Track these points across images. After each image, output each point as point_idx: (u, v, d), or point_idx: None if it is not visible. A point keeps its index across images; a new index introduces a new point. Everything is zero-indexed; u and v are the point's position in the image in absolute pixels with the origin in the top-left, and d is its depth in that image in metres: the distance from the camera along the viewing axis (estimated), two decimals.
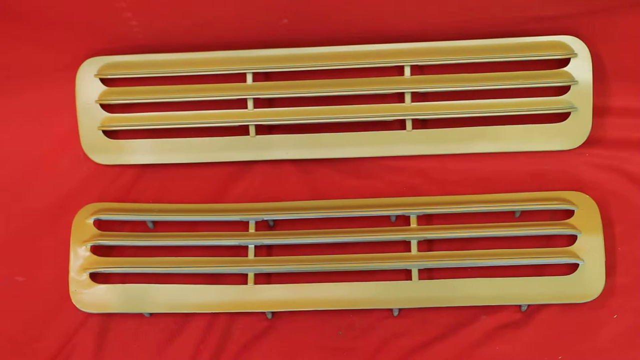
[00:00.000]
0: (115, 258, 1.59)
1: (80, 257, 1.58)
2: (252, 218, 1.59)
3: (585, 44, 1.57)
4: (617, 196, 1.60)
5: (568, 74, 1.58)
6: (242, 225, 1.60)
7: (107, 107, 1.63)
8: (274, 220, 1.61)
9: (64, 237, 1.60)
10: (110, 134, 1.64)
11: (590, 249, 1.54)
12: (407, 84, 1.60)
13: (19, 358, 1.57)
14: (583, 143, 1.60)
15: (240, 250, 1.59)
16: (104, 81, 1.62)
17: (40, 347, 1.57)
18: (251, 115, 1.61)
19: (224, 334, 1.56)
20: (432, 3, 1.56)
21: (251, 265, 1.56)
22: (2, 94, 1.66)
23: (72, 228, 1.59)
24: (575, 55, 1.57)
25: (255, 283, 1.56)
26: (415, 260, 1.55)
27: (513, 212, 1.59)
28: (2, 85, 1.65)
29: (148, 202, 1.64)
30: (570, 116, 1.59)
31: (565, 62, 1.58)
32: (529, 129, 1.61)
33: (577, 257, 1.53)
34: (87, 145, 1.63)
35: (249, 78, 1.61)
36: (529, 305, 1.55)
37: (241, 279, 1.57)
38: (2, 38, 1.59)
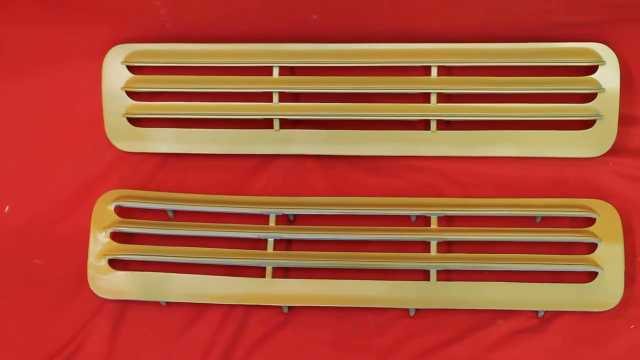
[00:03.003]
0: (135, 245, 1.59)
1: (99, 243, 1.58)
2: (272, 212, 1.59)
3: (614, 52, 1.56)
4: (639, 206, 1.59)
5: (595, 82, 1.57)
6: (262, 219, 1.60)
7: (132, 95, 1.63)
8: (294, 215, 1.61)
9: (84, 222, 1.60)
10: (134, 121, 1.64)
11: (610, 258, 1.53)
12: (434, 84, 1.60)
13: (35, 341, 1.57)
14: (607, 151, 1.59)
15: (260, 244, 1.59)
16: (131, 69, 1.62)
17: (56, 331, 1.58)
18: (276, 109, 1.61)
19: (239, 326, 1.56)
20: (461, 5, 1.55)
21: (270, 258, 1.56)
22: (29, 76, 1.66)
23: (93, 214, 1.59)
24: (604, 63, 1.57)
25: (273, 277, 1.56)
26: (434, 261, 1.55)
27: (534, 218, 1.59)
28: (29, 68, 1.66)
29: (169, 191, 1.65)
30: (596, 124, 1.58)
31: (593, 69, 1.58)
32: (553, 134, 1.60)
33: (597, 265, 1.52)
34: (111, 131, 1.64)
35: (276, 72, 1.61)
36: (545, 312, 1.54)
37: (259, 272, 1.57)
38: (32, 21, 1.60)
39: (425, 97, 1.61)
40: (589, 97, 1.58)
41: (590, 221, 1.56)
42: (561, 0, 1.54)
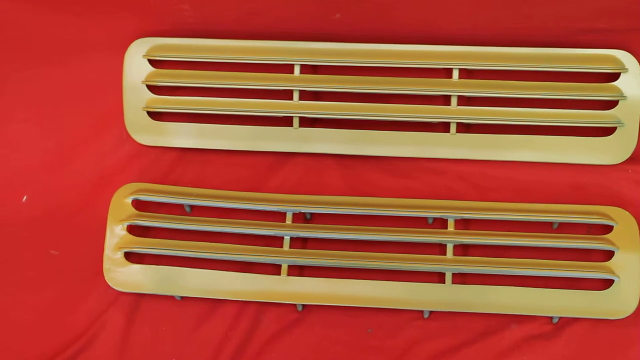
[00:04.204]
0: (151, 239, 1.60)
1: (116, 235, 1.59)
2: (289, 210, 1.59)
3: (637, 59, 1.56)
4: None
5: (617, 89, 1.57)
6: (279, 216, 1.60)
7: (153, 89, 1.64)
8: (311, 214, 1.61)
9: (101, 214, 1.60)
10: (154, 115, 1.65)
11: (626, 266, 1.52)
12: (454, 87, 1.59)
13: (49, 331, 1.58)
14: (627, 159, 1.59)
15: (276, 241, 1.59)
16: (152, 62, 1.63)
17: (70, 322, 1.58)
18: (296, 107, 1.61)
19: (253, 323, 1.56)
20: (485, 8, 1.55)
21: (285, 256, 1.56)
22: (50, 66, 1.67)
23: (110, 206, 1.60)
24: (626, 70, 1.56)
25: (288, 274, 1.56)
26: (450, 264, 1.54)
27: (551, 223, 1.58)
28: (50, 58, 1.67)
29: (187, 185, 1.65)
30: (616, 131, 1.58)
31: (615, 76, 1.57)
32: (573, 141, 1.60)
33: (613, 273, 1.52)
34: (130, 124, 1.64)
35: (297, 70, 1.61)
36: (560, 318, 1.54)
37: (274, 269, 1.57)
38: (56, 10, 1.61)
39: (445, 100, 1.61)
40: (610, 104, 1.58)
41: (608, 228, 1.55)
42: (585, 7, 1.54)
